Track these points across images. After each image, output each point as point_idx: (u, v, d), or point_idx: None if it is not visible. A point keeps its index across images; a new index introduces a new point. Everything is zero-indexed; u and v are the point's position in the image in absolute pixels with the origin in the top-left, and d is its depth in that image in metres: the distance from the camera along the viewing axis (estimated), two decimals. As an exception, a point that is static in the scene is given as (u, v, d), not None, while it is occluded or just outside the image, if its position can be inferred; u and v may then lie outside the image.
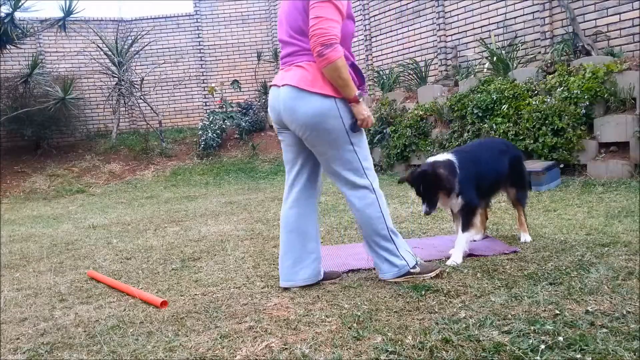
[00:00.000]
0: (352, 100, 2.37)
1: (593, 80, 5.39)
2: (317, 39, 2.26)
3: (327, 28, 2.25)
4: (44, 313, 2.53)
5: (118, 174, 10.33)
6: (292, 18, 2.40)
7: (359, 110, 2.39)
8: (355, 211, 2.51)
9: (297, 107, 2.39)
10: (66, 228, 5.43)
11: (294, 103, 2.40)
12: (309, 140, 2.45)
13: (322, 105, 2.36)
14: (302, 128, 2.42)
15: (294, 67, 2.43)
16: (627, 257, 2.60)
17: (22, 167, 10.34)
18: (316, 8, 2.27)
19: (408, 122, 7.42)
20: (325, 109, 2.37)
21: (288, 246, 2.59)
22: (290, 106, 2.42)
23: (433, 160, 2.89)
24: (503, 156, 3.06)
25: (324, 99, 2.36)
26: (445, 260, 2.86)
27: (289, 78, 2.42)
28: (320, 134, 2.40)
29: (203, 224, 4.92)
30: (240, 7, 12.69)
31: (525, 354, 1.63)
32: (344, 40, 2.41)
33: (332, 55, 2.26)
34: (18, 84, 10.26)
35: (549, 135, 5.56)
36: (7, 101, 10.35)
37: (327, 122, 2.37)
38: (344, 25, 2.38)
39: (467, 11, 7.99)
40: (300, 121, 2.40)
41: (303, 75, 2.38)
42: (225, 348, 1.89)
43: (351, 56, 2.48)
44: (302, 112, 2.38)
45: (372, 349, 1.77)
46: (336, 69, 2.29)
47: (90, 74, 11.91)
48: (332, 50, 2.26)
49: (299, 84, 2.38)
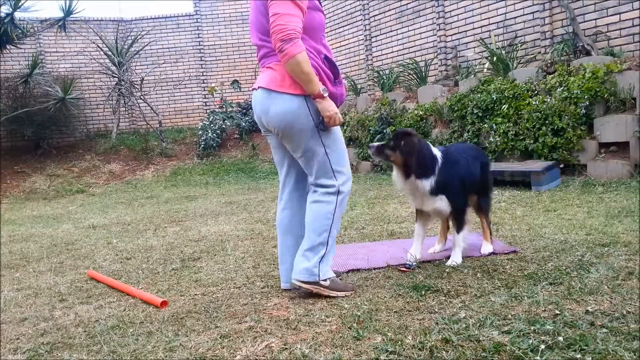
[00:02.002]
0: (317, 96, 2.31)
1: (593, 80, 5.39)
2: (276, 35, 2.24)
3: (284, 23, 2.22)
4: (44, 313, 2.53)
5: (118, 174, 10.33)
6: (258, 21, 2.39)
7: (324, 107, 2.33)
8: (308, 206, 2.47)
9: (269, 108, 2.40)
10: (66, 228, 5.43)
11: (266, 104, 2.41)
12: (283, 139, 2.45)
13: (291, 105, 2.35)
14: (275, 128, 2.42)
15: (265, 69, 2.46)
16: (627, 257, 2.60)
17: (22, 167, 10.34)
18: (273, 5, 2.25)
19: (408, 122, 7.42)
20: (294, 108, 2.35)
21: (284, 248, 2.58)
22: (264, 108, 2.43)
23: None
24: (476, 161, 2.97)
25: (293, 98, 2.35)
26: (445, 260, 2.86)
27: (261, 80, 2.44)
28: (292, 132, 2.38)
29: (203, 224, 4.92)
30: (240, 7, 12.69)
31: (525, 354, 1.63)
32: (313, 32, 2.38)
33: (291, 50, 2.23)
34: (18, 84, 10.27)
35: (549, 135, 5.56)
36: (7, 101, 10.35)
37: (297, 121, 2.35)
38: (310, 18, 2.35)
39: (467, 11, 7.98)
40: (273, 121, 2.40)
41: (272, 76, 2.39)
42: (225, 348, 1.89)
43: (324, 49, 2.44)
44: (273, 112, 2.38)
45: (372, 349, 1.77)
46: (297, 64, 2.25)
47: (90, 74, 11.91)
48: (292, 45, 2.23)
49: (269, 85, 2.39)
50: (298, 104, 2.35)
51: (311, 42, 2.37)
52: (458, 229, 2.82)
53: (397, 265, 2.81)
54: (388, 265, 2.83)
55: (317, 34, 2.41)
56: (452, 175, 2.75)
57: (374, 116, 8.09)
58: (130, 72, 11.66)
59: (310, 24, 2.36)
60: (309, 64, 2.28)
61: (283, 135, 2.42)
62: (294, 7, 2.26)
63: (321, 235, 2.42)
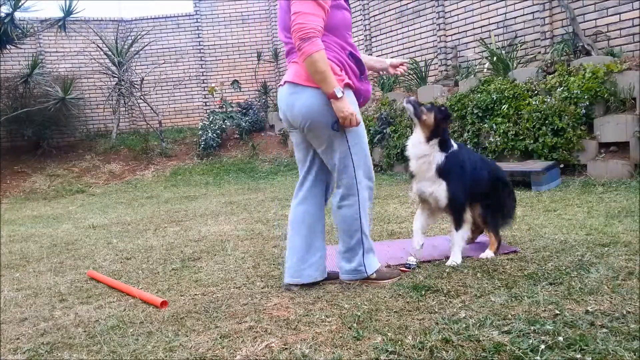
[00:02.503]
0: (330, 95, 2.32)
1: (593, 80, 5.39)
2: (296, 33, 2.27)
3: (304, 22, 2.25)
4: (44, 313, 2.53)
5: (118, 174, 10.33)
6: (283, 19, 2.43)
7: (338, 107, 2.32)
8: (334, 211, 2.54)
9: (294, 102, 2.42)
10: (66, 228, 5.43)
11: (292, 99, 2.43)
12: (308, 134, 2.47)
13: (316, 99, 2.37)
14: (300, 122, 2.43)
15: (291, 64, 2.48)
16: (627, 257, 2.60)
17: (22, 167, 10.34)
18: (294, 4, 2.29)
19: (408, 122, 7.42)
20: (319, 103, 2.36)
21: (295, 243, 2.59)
22: (289, 102, 2.45)
23: None
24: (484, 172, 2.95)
25: (318, 93, 2.36)
26: (445, 260, 2.86)
27: (287, 75, 2.47)
28: (316, 127, 2.41)
29: (203, 224, 4.92)
30: (240, 7, 12.69)
31: (525, 354, 1.63)
32: (337, 31, 2.41)
33: (308, 49, 2.25)
34: (18, 84, 10.26)
35: (549, 135, 5.56)
36: (7, 101, 10.35)
37: (321, 116, 2.37)
38: (333, 15, 2.37)
39: (467, 11, 7.98)
40: (297, 116, 2.42)
41: (297, 70, 2.41)
42: (225, 348, 1.89)
43: (348, 46, 2.46)
44: (298, 106, 2.41)
45: (372, 349, 1.77)
46: (312, 63, 2.27)
47: (90, 74, 11.91)
48: (309, 43, 2.25)
49: (294, 79, 2.41)
50: (323, 99, 2.36)
51: (335, 39, 2.40)
52: (456, 226, 2.83)
53: (397, 265, 2.81)
54: (388, 265, 2.83)
55: (341, 32, 2.44)
56: (458, 168, 2.78)
57: (374, 116, 8.09)
58: (130, 72, 11.66)
59: (334, 22, 2.38)
60: (326, 63, 2.29)
61: (308, 130, 2.44)
62: (316, 7, 2.28)
63: (354, 237, 2.50)
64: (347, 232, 2.51)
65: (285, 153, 10.62)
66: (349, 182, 2.46)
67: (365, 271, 2.52)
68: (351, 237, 2.50)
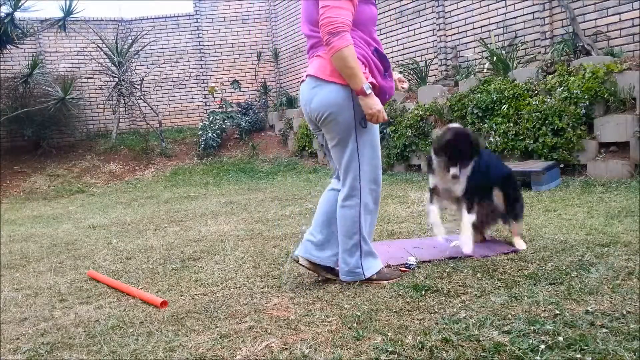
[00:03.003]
0: (359, 92, 2.30)
1: (593, 80, 5.39)
2: (325, 27, 2.25)
3: (334, 16, 2.23)
4: (44, 313, 2.53)
5: (118, 174, 10.33)
6: (308, 11, 2.40)
7: (366, 104, 2.32)
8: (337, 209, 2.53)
9: (314, 96, 2.39)
10: (66, 228, 5.43)
11: (312, 92, 2.41)
12: (323, 126, 2.44)
13: (337, 95, 2.35)
14: (317, 115, 2.41)
15: (315, 58, 2.45)
16: (627, 257, 2.59)
17: (22, 167, 10.34)
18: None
19: (408, 122, 7.42)
20: (340, 99, 2.35)
21: (319, 223, 2.59)
22: (309, 97, 2.43)
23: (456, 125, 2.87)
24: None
25: (340, 88, 2.34)
26: (445, 260, 2.86)
27: (310, 69, 2.45)
28: (331, 122, 2.39)
29: (203, 224, 4.92)
30: (240, 7, 12.69)
31: (525, 354, 1.63)
32: (364, 26, 2.38)
33: (338, 44, 2.23)
34: (18, 84, 10.26)
35: (549, 135, 5.56)
36: (7, 101, 10.36)
37: (339, 112, 2.36)
38: (361, 11, 2.35)
39: (467, 11, 7.98)
40: (315, 109, 2.40)
41: (321, 64, 2.38)
42: (225, 348, 1.89)
43: (373, 42, 2.43)
44: (317, 100, 2.38)
45: (372, 349, 1.77)
46: (342, 58, 2.25)
47: (90, 74, 11.92)
48: (339, 38, 2.23)
49: (317, 73, 2.38)
50: (344, 95, 2.34)
51: (361, 34, 2.37)
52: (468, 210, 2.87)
53: (397, 265, 2.81)
54: (388, 265, 2.83)
55: (367, 27, 2.42)
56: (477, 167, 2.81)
57: (374, 116, 8.09)
58: (130, 72, 11.66)
59: (361, 17, 2.37)
60: (355, 59, 2.27)
61: (323, 123, 2.42)
62: (345, 0, 2.26)
63: (352, 238, 2.49)
64: (346, 233, 2.50)
65: (285, 153, 10.62)
66: (353, 183, 2.46)
67: (362, 273, 2.51)
68: (349, 238, 2.50)
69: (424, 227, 3.89)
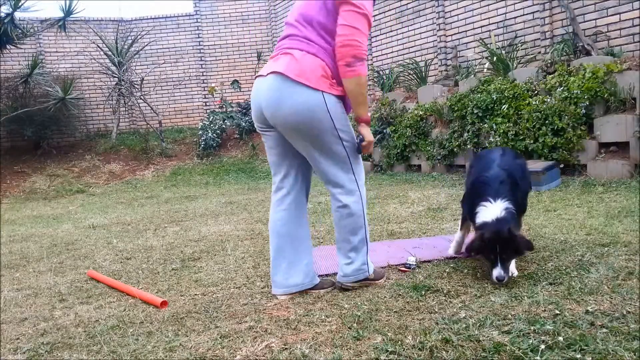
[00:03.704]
0: (364, 120, 2.33)
1: (593, 80, 5.39)
2: (351, 49, 2.19)
3: (362, 42, 2.20)
4: (44, 313, 2.53)
5: (118, 174, 10.33)
6: (310, 6, 2.29)
7: (369, 132, 2.34)
8: (336, 210, 2.42)
9: (282, 98, 2.23)
10: (66, 228, 5.43)
11: (279, 94, 2.24)
12: (294, 136, 2.31)
13: (311, 99, 2.22)
14: (285, 123, 2.27)
15: (283, 55, 2.28)
16: (627, 257, 2.59)
17: (22, 167, 10.34)
18: (352, 16, 2.19)
19: (408, 122, 7.42)
20: (315, 104, 2.22)
21: (278, 252, 2.48)
22: (274, 97, 2.25)
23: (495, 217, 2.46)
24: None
25: (312, 92, 2.21)
26: (445, 260, 2.86)
27: (277, 66, 2.26)
28: (307, 130, 2.26)
29: (203, 224, 4.92)
30: (240, 7, 12.70)
31: (525, 354, 1.63)
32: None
33: (361, 70, 2.22)
34: (18, 84, 10.27)
35: (549, 135, 5.56)
36: (7, 101, 10.36)
37: (316, 118, 2.23)
38: None
39: (467, 11, 7.98)
40: (284, 115, 2.24)
41: (292, 63, 2.21)
42: (225, 348, 1.89)
43: None
44: (289, 104, 2.22)
45: (372, 349, 1.77)
46: (361, 85, 2.25)
47: (90, 74, 11.92)
48: (362, 64, 2.22)
49: (287, 71, 2.21)
50: (317, 100, 2.23)
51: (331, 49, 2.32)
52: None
53: (397, 265, 2.81)
54: (388, 265, 2.83)
55: None
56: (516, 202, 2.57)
57: (374, 116, 8.09)
58: (130, 72, 11.67)
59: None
60: (366, 88, 2.30)
61: (296, 132, 2.28)
62: (367, 27, 2.25)
63: (358, 234, 2.43)
64: (352, 230, 2.41)
65: (285, 153, 10.61)
66: (349, 181, 2.40)
67: (367, 270, 2.47)
68: (356, 235, 2.42)
69: (424, 227, 3.89)
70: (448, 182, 6.22)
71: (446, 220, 4.08)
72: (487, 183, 2.60)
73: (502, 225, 2.40)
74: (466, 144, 6.55)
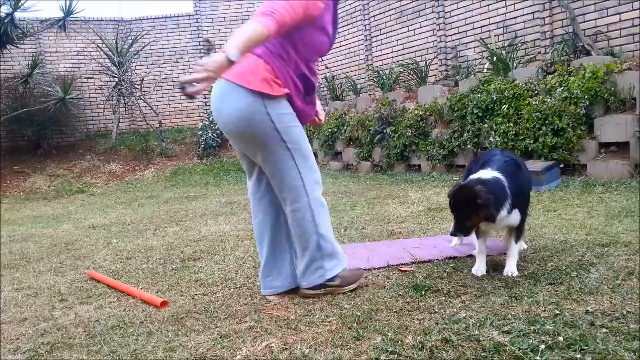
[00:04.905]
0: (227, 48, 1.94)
1: (593, 80, 5.39)
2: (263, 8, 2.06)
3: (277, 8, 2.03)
4: (44, 313, 2.53)
5: (118, 174, 10.33)
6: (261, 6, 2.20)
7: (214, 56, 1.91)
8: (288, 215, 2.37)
9: (223, 104, 2.18)
10: (66, 228, 5.43)
11: (220, 99, 2.20)
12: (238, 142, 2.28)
13: (248, 103, 2.14)
14: (226, 129, 2.23)
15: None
16: (627, 257, 2.59)
17: (22, 167, 10.34)
18: None
19: (408, 122, 7.42)
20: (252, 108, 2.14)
21: (261, 256, 2.52)
22: (216, 103, 2.22)
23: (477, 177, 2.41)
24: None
25: (250, 95, 2.13)
26: (445, 260, 2.86)
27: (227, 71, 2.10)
28: (247, 135, 2.20)
29: (203, 224, 4.91)
30: (240, 7, 12.69)
31: (525, 354, 1.63)
32: (305, 50, 2.23)
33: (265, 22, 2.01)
34: (18, 84, 10.28)
35: (549, 135, 5.56)
36: (7, 101, 10.36)
37: (253, 122, 2.16)
38: (310, 35, 2.21)
39: (467, 11, 7.98)
40: (225, 121, 2.21)
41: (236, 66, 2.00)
42: (225, 348, 1.89)
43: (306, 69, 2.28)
44: (227, 110, 2.18)
45: (372, 349, 1.77)
46: (255, 31, 1.99)
47: (90, 74, 11.92)
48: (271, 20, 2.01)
49: (228, 75, 2.11)
50: (258, 103, 2.14)
51: (295, 56, 2.23)
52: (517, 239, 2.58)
53: (397, 265, 2.81)
54: (388, 265, 2.83)
55: (308, 54, 2.26)
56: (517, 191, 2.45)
57: (374, 116, 8.10)
58: (130, 72, 11.67)
59: (306, 40, 2.22)
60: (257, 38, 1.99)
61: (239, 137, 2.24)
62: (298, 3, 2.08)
63: (310, 241, 2.35)
64: (301, 237, 2.34)
65: (285, 153, 10.62)
66: (295, 185, 2.28)
67: (324, 275, 2.36)
68: (307, 241, 2.34)
69: (424, 227, 3.89)
70: (448, 182, 6.22)
71: (446, 220, 4.08)
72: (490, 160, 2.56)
73: (473, 184, 2.32)
74: (466, 144, 6.55)
